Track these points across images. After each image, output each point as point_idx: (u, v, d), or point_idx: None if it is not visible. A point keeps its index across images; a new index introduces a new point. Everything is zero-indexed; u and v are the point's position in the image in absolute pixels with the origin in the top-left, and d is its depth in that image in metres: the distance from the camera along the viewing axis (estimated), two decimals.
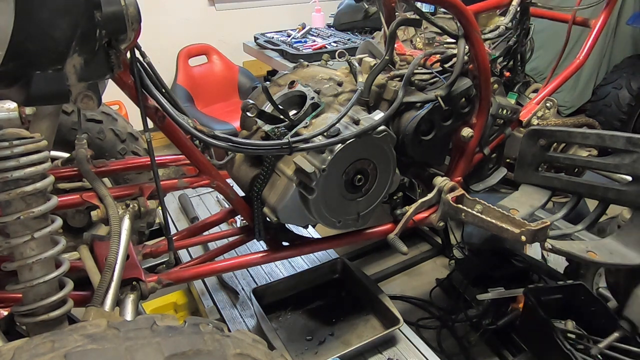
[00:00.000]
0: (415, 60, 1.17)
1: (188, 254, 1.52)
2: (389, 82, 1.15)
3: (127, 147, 1.52)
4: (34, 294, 0.75)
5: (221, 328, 0.70)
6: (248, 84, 3.46)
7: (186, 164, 1.23)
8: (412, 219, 1.22)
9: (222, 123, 3.02)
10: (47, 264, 0.76)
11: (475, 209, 1.16)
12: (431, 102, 1.13)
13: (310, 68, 1.26)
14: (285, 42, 2.67)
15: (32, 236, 0.73)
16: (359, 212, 1.13)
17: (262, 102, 1.14)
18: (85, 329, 0.60)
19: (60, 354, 0.55)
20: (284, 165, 1.06)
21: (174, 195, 1.84)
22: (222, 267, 1.14)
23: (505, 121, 1.40)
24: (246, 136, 1.13)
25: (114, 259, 0.86)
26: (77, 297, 0.91)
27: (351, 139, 0.99)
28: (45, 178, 0.76)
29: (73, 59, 0.76)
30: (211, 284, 1.44)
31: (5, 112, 0.92)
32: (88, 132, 1.43)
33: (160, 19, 3.17)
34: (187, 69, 3.38)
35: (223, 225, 1.39)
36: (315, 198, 1.01)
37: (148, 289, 0.97)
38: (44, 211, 0.75)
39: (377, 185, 1.11)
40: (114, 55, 0.81)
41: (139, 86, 0.89)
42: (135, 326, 0.62)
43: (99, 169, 1.10)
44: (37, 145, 0.74)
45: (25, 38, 0.69)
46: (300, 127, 1.05)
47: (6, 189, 0.71)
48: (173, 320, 0.66)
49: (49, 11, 0.70)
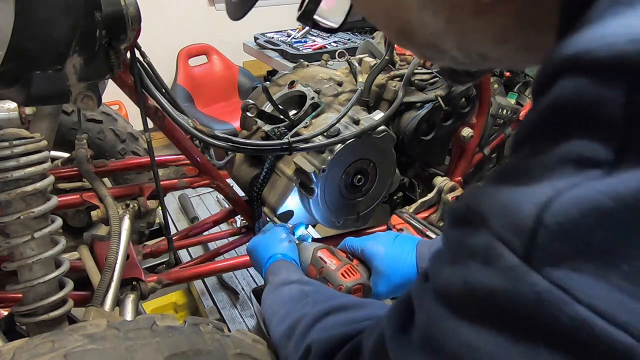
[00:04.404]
0: (415, 60, 1.17)
1: (188, 254, 1.52)
2: (389, 82, 1.15)
3: (127, 147, 1.52)
4: (34, 294, 0.75)
5: (221, 328, 0.70)
6: (248, 84, 3.46)
7: (186, 164, 1.23)
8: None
9: (222, 123, 3.02)
10: (47, 264, 0.76)
11: None
12: (431, 102, 1.13)
13: (310, 68, 1.26)
14: (285, 42, 2.67)
15: (32, 236, 0.73)
16: (359, 212, 1.13)
17: (262, 102, 1.14)
18: (85, 329, 0.60)
19: (60, 354, 0.55)
20: (284, 165, 1.06)
21: (174, 195, 1.84)
22: (222, 267, 1.14)
23: (505, 121, 1.41)
24: (246, 136, 1.13)
25: (114, 259, 0.86)
26: (77, 297, 0.91)
27: (351, 139, 0.99)
28: (45, 178, 0.76)
29: (73, 59, 0.76)
30: (211, 284, 1.44)
31: (5, 112, 0.92)
32: (88, 132, 1.42)
33: (160, 19, 3.17)
34: (187, 69, 3.37)
35: (223, 225, 1.39)
36: (315, 198, 1.02)
37: (148, 289, 0.97)
38: (44, 211, 0.75)
39: (377, 185, 1.11)
40: (114, 55, 0.81)
41: (139, 86, 0.89)
42: (135, 326, 0.62)
43: (99, 169, 1.10)
44: (37, 145, 0.74)
45: (25, 38, 0.69)
46: (300, 127, 1.05)
47: (6, 189, 0.71)
48: (173, 320, 0.66)
49: (49, 11, 0.70)
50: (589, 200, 0.20)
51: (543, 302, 0.21)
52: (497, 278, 0.23)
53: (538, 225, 0.21)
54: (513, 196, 0.23)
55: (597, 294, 0.19)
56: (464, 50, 0.33)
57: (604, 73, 0.20)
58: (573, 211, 0.20)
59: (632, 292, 0.19)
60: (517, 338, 0.22)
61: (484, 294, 0.23)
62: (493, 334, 0.23)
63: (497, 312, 0.23)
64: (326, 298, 0.62)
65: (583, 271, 0.20)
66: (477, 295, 0.24)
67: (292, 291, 0.67)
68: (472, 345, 0.24)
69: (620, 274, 0.19)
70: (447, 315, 0.26)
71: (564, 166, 0.22)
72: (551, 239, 0.21)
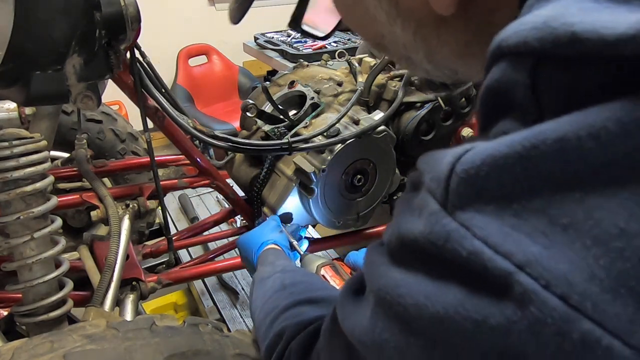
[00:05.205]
0: None
1: (188, 254, 1.52)
2: (389, 82, 1.15)
3: (127, 147, 1.52)
4: (34, 294, 0.75)
5: (220, 328, 0.70)
6: (248, 84, 3.46)
7: (186, 164, 1.23)
8: None
9: (222, 123, 3.02)
10: (47, 264, 0.76)
11: None
12: (431, 102, 1.13)
13: (310, 68, 1.26)
14: (285, 42, 2.67)
15: (32, 236, 0.73)
16: (358, 212, 1.13)
17: (262, 102, 1.14)
18: (85, 329, 0.60)
19: (60, 354, 0.55)
20: (284, 165, 1.06)
21: (174, 195, 1.84)
22: (222, 267, 1.14)
23: None
24: (246, 136, 1.13)
25: (114, 259, 0.86)
26: (77, 297, 0.91)
27: (351, 139, 0.99)
28: (45, 178, 0.76)
29: (73, 59, 0.76)
30: (211, 284, 1.44)
31: (5, 112, 0.93)
32: (88, 132, 1.42)
33: (160, 19, 3.17)
34: (187, 69, 3.38)
35: (223, 225, 1.39)
36: (315, 198, 1.02)
37: (148, 289, 0.97)
38: (43, 211, 0.75)
39: (377, 185, 1.11)
40: (114, 55, 0.81)
41: (138, 86, 0.89)
42: (135, 326, 0.62)
43: (98, 169, 1.10)
44: (37, 145, 0.74)
45: (25, 38, 0.69)
46: (300, 127, 1.05)
47: (6, 189, 0.71)
48: (172, 320, 0.66)
49: (49, 11, 0.70)
50: (490, 151, 0.22)
51: (450, 240, 0.23)
52: (421, 224, 0.25)
53: (451, 173, 0.24)
54: (442, 153, 0.26)
55: (491, 229, 0.22)
56: (432, 62, 0.36)
57: (513, 58, 0.23)
58: (477, 160, 0.22)
59: (517, 225, 0.21)
60: (432, 276, 0.24)
61: (410, 240, 0.26)
62: (413, 275, 0.26)
63: (417, 255, 0.25)
64: (303, 290, 0.62)
65: (484, 212, 0.22)
66: (405, 242, 0.27)
67: (275, 282, 0.67)
68: (396, 286, 0.26)
69: (510, 213, 0.22)
70: (385, 265, 0.28)
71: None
72: (459, 185, 0.23)
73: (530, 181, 0.21)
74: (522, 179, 0.21)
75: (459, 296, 0.23)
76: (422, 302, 0.24)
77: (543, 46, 0.21)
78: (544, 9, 0.23)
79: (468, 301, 0.22)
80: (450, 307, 0.23)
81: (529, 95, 0.23)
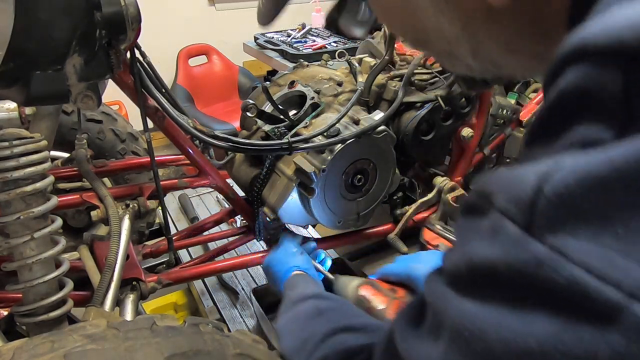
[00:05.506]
0: (415, 60, 1.17)
1: (188, 254, 1.52)
2: (389, 82, 1.15)
3: (127, 147, 1.52)
4: (34, 294, 0.75)
5: (221, 328, 0.70)
6: (248, 84, 3.45)
7: (186, 164, 1.23)
8: (412, 219, 1.22)
9: (222, 123, 3.02)
10: (47, 264, 0.76)
11: None
12: (431, 102, 1.13)
13: (310, 68, 1.26)
14: (285, 42, 2.66)
15: (32, 236, 0.73)
16: (359, 212, 1.13)
17: (262, 102, 1.14)
18: (85, 329, 0.60)
19: (60, 354, 0.55)
20: (284, 165, 1.06)
21: (174, 195, 1.84)
22: (222, 267, 1.14)
23: (505, 121, 1.40)
24: (246, 136, 1.13)
25: (114, 259, 0.86)
26: (77, 297, 0.91)
27: (351, 139, 0.99)
28: (45, 178, 0.76)
29: (73, 59, 0.76)
30: (211, 284, 1.44)
31: (5, 112, 0.92)
32: (88, 132, 1.42)
33: (160, 19, 3.17)
34: (187, 69, 3.37)
35: (223, 225, 1.39)
36: (315, 198, 1.01)
37: (148, 289, 0.97)
38: (43, 211, 0.75)
39: (377, 185, 1.11)
40: (114, 55, 0.81)
41: (138, 86, 0.89)
42: (135, 326, 0.62)
43: (99, 169, 1.10)
44: (37, 145, 0.74)
45: (25, 38, 0.69)
46: (300, 127, 1.05)
47: (6, 189, 0.71)
48: (173, 320, 0.66)
49: (49, 11, 0.70)
50: (585, 169, 0.21)
51: (542, 267, 0.21)
52: (499, 250, 0.23)
53: (538, 195, 0.22)
54: (517, 172, 0.24)
55: (592, 255, 0.20)
56: (477, 57, 0.35)
57: (603, 59, 0.21)
58: (570, 180, 0.21)
59: (623, 251, 0.19)
60: (518, 307, 0.22)
61: (486, 268, 0.24)
62: (494, 306, 0.23)
63: (498, 284, 0.23)
64: (341, 317, 0.61)
65: (579, 235, 0.20)
66: (479, 270, 0.24)
67: (308, 307, 0.66)
68: (474, 320, 0.24)
69: (613, 236, 0.20)
70: (453, 296, 0.26)
71: (570, 149, 0.22)
72: (550, 207, 0.21)
73: (634, 201, 0.20)
74: (624, 199, 0.20)
75: (553, 328, 0.21)
76: (509, 337, 0.22)
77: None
78: (631, 9, 0.21)
79: (565, 333, 0.21)
80: (544, 341, 0.21)
81: (620, 98, 0.21)
